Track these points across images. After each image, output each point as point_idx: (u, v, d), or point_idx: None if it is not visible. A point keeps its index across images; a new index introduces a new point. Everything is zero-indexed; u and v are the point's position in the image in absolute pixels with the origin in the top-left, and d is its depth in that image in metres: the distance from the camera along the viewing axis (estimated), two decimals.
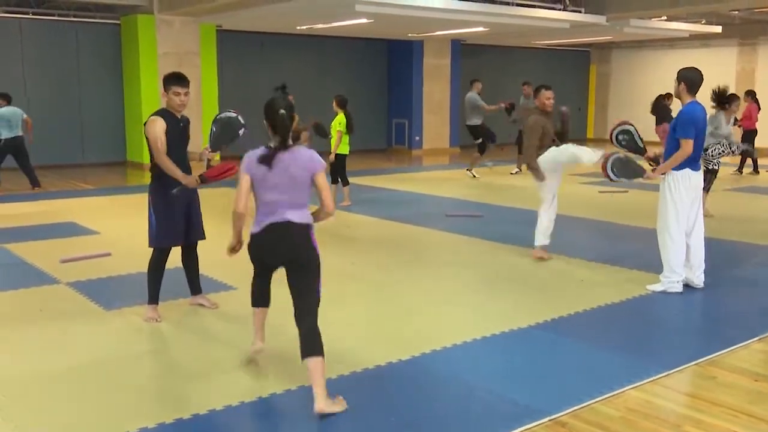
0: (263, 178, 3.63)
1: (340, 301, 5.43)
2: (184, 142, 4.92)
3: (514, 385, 3.87)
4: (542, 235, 6.69)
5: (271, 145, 3.66)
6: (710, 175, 8.97)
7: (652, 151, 5.91)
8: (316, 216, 3.74)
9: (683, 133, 5.39)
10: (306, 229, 3.66)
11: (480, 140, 12.91)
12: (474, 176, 12.99)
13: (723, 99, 8.30)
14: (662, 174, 5.58)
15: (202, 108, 13.86)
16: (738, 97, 8.82)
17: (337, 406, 3.53)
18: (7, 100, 11.29)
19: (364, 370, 4.04)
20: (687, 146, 5.37)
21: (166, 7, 13.17)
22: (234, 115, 5.02)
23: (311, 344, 3.57)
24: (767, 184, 12.31)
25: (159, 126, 4.72)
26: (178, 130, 4.84)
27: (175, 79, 4.79)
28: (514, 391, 3.77)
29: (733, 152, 8.92)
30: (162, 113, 4.83)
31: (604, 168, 5.73)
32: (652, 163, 5.90)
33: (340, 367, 4.04)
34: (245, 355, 4.20)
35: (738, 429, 3.38)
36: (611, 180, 5.80)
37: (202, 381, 3.93)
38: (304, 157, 3.64)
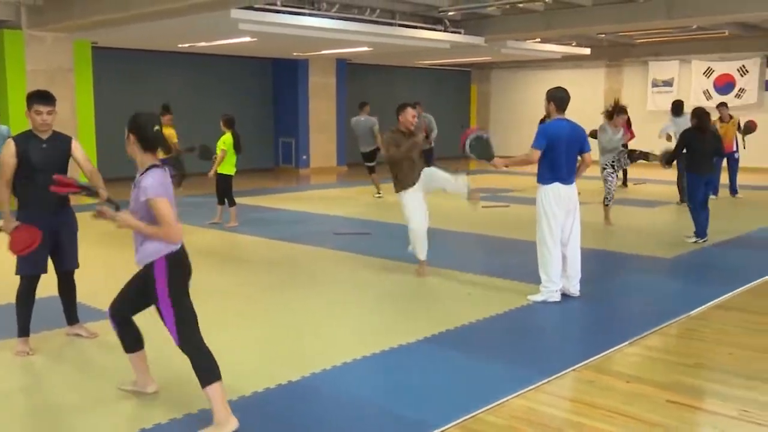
0: (170, 198, 3.54)
1: (225, 323, 5.31)
2: (56, 165, 4.55)
3: (402, 401, 3.91)
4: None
5: (157, 162, 3.57)
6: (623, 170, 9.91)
7: (501, 161, 6.33)
8: None
9: (533, 142, 5.83)
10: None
11: (373, 164, 12.86)
12: (381, 195, 12.75)
13: (609, 111, 9.71)
14: (505, 166, 6.29)
15: (77, 127, 13.25)
16: (624, 110, 9.86)
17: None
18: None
19: (254, 393, 3.97)
20: (532, 153, 5.80)
21: (35, 22, 12.52)
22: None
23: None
24: (636, 196, 13.06)
25: (7, 150, 4.52)
26: (40, 152, 4.53)
27: (37, 98, 4.56)
28: (403, 407, 3.81)
29: (624, 166, 10.10)
30: (23, 135, 4.60)
31: (464, 138, 6.38)
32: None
33: (229, 392, 3.94)
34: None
35: (614, 429, 3.56)
36: (463, 152, 6.50)
37: (81, 415, 3.73)
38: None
